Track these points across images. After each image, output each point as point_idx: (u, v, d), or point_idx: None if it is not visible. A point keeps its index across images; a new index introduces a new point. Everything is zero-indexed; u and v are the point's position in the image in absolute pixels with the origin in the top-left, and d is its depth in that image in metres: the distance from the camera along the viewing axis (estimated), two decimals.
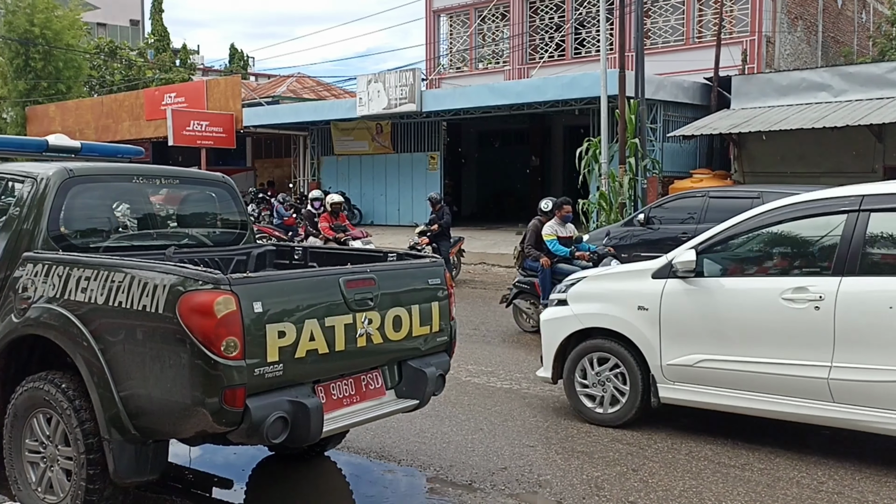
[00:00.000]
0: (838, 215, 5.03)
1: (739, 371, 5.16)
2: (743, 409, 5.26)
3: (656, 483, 4.73)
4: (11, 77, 31.82)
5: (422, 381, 4.33)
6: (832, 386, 4.83)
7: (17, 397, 3.96)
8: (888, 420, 4.69)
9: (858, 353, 4.76)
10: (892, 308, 4.64)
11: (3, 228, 4.35)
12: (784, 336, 4.99)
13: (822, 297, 4.85)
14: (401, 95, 21.11)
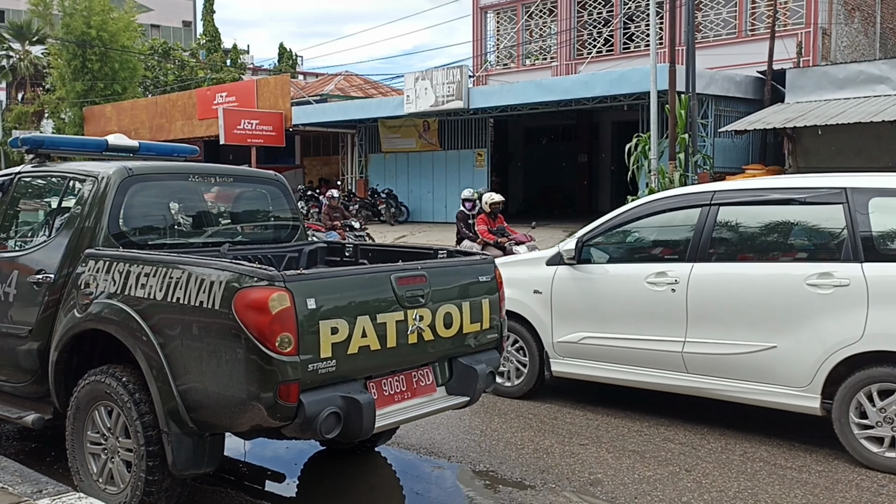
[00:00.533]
0: (695, 209, 5.70)
1: (614, 346, 5.88)
2: (618, 381, 5.98)
3: (710, 484, 4.66)
4: (69, 78, 32.71)
5: (472, 378, 4.33)
6: (686, 358, 5.53)
7: (80, 390, 4.07)
8: (728, 388, 5.39)
9: (705, 329, 5.44)
10: (733, 290, 5.37)
11: (65, 226, 4.48)
12: (648, 315, 5.68)
13: (677, 281, 5.54)
14: (448, 93, 21.13)
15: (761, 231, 5.57)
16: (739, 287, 5.35)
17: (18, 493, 3.63)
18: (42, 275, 4.38)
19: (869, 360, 4.86)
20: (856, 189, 5.10)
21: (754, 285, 5.31)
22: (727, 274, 5.44)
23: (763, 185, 5.76)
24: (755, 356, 5.22)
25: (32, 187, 5.19)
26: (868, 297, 4.85)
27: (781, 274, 5.24)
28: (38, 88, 39.26)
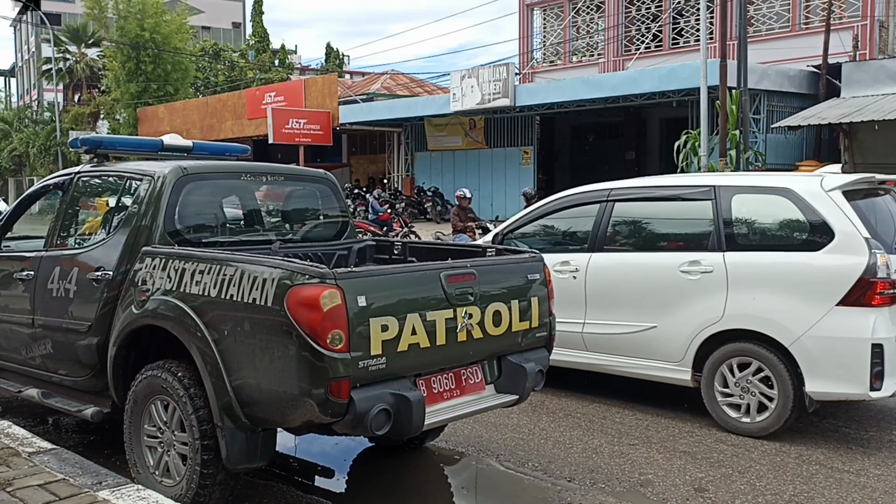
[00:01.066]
0: (595, 204, 6.42)
1: None
2: None
3: (764, 487, 4.57)
4: (124, 80, 33.51)
5: (521, 377, 4.32)
6: (585, 338, 6.21)
7: (137, 385, 4.17)
8: (619, 363, 6.11)
9: (600, 312, 6.12)
10: (621, 277, 6.06)
11: (123, 225, 4.59)
12: (557, 300, 5.88)
13: (578, 269, 6.23)
14: (494, 90, 21.10)
15: (646, 224, 6.30)
16: (627, 274, 6.05)
17: (79, 485, 3.73)
18: (101, 272, 4.49)
19: (729, 337, 5.52)
20: (721, 187, 5.78)
21: (639, 272, 5.99)
22: (617, 262, 6.15)
23: (650, 184, 6.50)
24: (640, 335, 5.92)
25: (91, 186, 5.32)
26: (727, 282, 5.51)
27: (660, 262, 5.91)
28: (94, 90, 40.30)
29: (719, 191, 5.71)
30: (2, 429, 4.58)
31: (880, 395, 5.07)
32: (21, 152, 42.20)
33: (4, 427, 4.61)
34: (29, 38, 58.08)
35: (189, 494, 3.89)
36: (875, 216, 5.56)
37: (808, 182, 5.55)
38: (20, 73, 64.25)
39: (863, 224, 5.20)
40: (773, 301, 5.32)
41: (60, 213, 5.21)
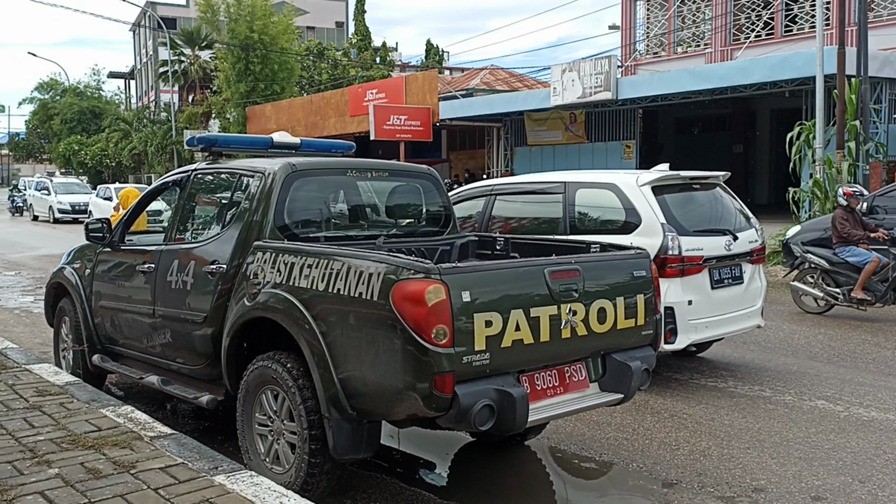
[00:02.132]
0: (483, 198, 7.46)
1: None
2: None
3: (887, 497, 4.32)
4: (234, 80, 34.82)
5: (626, 375, 4.24)
6: None
7: (249, 374, 4.32)
8: None
9: None
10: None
11: (236, 220, 4.76)
12: None
13: None
14: (595, 84, 20.76)
15: (517, 214, 7.34)
16: None
17: (197, 469, 3.89)
18: (216, 265, 4.67)
19: None
20: (569, 182, 6.95)
21: None
22: None
23: (522, 181, 7.84)
24: None
25: (206, 183, 5.55)
26: None
27: None
28: (206, 91, 42.05)
29: (568, 186, 6.92)
30: (125, 413, 4.83)
31: (673, 348, 6.39)
32: (140, 151, 44.52)
33: (128, 412, 4.87)
34: (147, 43, 61.13)
35: (298, 482, 4.00)
36: (683, 206, 6.74)
37: (628, 178, 6.70)
38: (139, 76, 67.74)
39: (662, 212, 6.39)
40: None
41: (178, 209, 5.46)
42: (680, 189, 6.86)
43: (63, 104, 58.41)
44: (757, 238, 7.16)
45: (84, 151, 50.74)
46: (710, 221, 6.88)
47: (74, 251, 6.51)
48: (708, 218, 6.92)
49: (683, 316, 6.32)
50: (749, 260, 7.01)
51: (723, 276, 6.69)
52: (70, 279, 6.22)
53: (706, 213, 6.97)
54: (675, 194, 6.73)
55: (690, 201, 6.95)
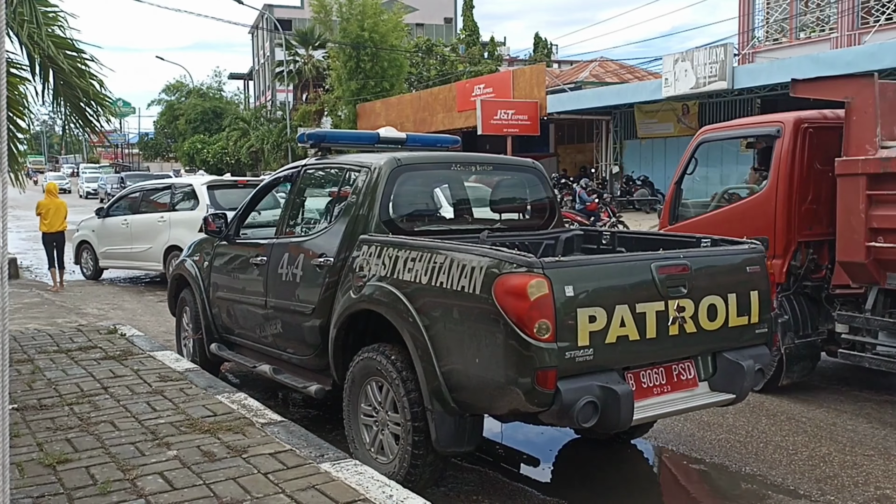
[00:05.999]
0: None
1: None
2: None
3: None
4: (345, 79, 35.63)
5: (738, 375, 4.07)
6: None
7: (355, 365, 4.41)
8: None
9: None
10: None
11: (343, 214, 4.86)
12: None
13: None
14: (710, 73, 20.02)
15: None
16: None
17: (304, 456, 4.01)
18: (323, 258, 4.79)
19: None
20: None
21: None
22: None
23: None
24: None
25: (315, 178, 5.70)
26: None
27: None
28: (319, 89, 43.24)
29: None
30: (239, 400, 5.03)
31: None
32: (257, 148, 46.27)
33: (241, 399, 5.07)
34: (264, 44, 63.46)
35: (401, 473, 4.05)
36: (225, 197, 11.45)
37: (196, 179, 9.44)
38: (257, 77, 70.45)
39: (209, 200, 11.16)
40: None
41: (289, 203, 5.63)
42: (229, 187, 11.62)
43: (187, 105, 61.40)
44: None
45: (206, 150, 53.20)
46: None
47: (195, 244, 6.83)
48: None
49: None
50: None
51: None
52: (190, 271, 6.53)
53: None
54: (219, 191, 11.60)
55: (228, 195, 11.35)
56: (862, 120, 5.66)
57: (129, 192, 13.82)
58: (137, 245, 12.53)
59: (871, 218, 5.48)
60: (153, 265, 12.42)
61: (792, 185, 6.09)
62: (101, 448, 4.12)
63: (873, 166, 5.48)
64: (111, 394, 5.17)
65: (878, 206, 5.49)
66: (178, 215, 12.01)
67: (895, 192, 5.40)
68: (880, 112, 5.60)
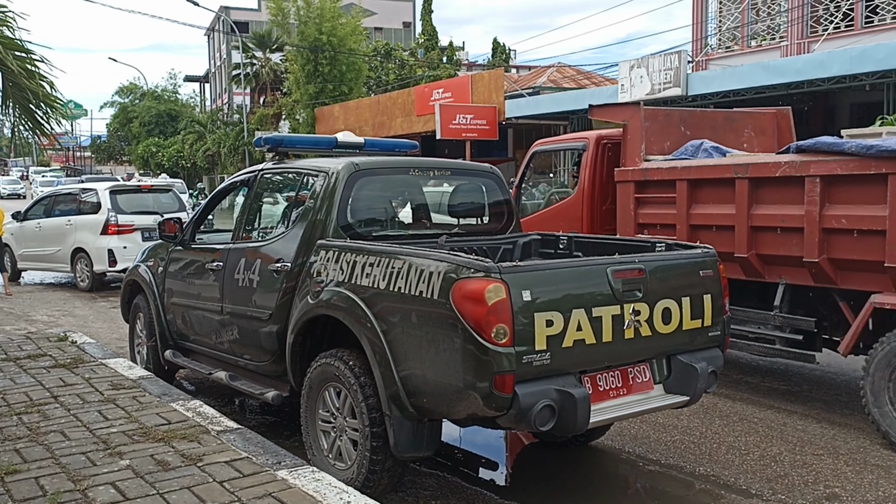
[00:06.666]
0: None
1: None
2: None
3: None
4: (303, 82, 35.38)
5: (692, 377, 4.13)
6: None
7: (312, 371, 4.38)
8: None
9: None
10: None
11: (301, 219, 4.83)
12: None
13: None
14: (665, 80, 20.36)
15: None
16: None
17: (261, 464, 3.97)
18: (280, 263, 4.75)
19: None
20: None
21: None
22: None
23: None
24: None
25: (273, 182, 5.65)
26: None
27: None
28: (277, 92, 42.89)
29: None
30: (194, 407, 4.96)
31: (113, 269, 12.13)
32: (214, 152, 45.69)
33: (196, 406, 5.00)
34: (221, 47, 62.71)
35: (359, 479, 4.03)
36: (128, 201, 12.78)
37: (99, 185, 12.25)
38: (213, 79, 69.58)
39: (111, 203, 12.48)
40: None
41: (246, 208, 5.57)
42: (134, 191, 13.07)
43: (141, 107, 60.38)
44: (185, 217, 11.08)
45: (161, 153, 52.37)
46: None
47: (148, 249, 6.72)
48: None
49: (121, 254, 12.06)
50: None
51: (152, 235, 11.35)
52: (144, 276, 6.42)
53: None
54: (122, 195, 12.69)
55: (134, 199, 12.99)
56: (633, 139, 7.12)
57: (44, 196, 14.28)
58: (48, 247, 13.12)
59: (639, 215, 6.88)
60: (62, 266, 13.01)
61: (594, 190, 7.59)
62: (51, 458, 4.03)
63: (638, 175, 6.91)
64: (61, 403, 5.06)
65: (643, 205, 6.89)
66: (83, 219, 12.69)
67: (653, 195, 6.79)
68: (647, 133, 7.09)
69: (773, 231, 5.86)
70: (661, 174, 6.73)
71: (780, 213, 5.79)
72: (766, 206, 5.89)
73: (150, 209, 12.71)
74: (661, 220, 6.70)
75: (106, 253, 12.23)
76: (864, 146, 5.32)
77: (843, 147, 5.46)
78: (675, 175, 6.58)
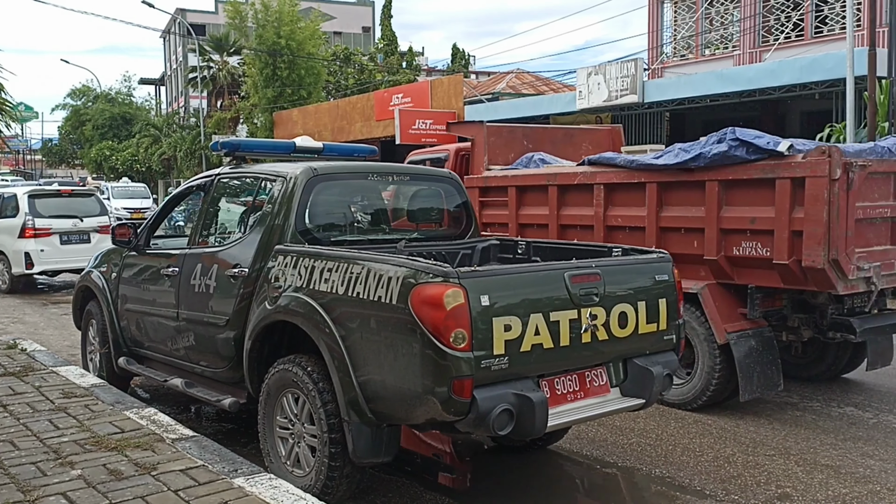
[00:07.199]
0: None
1: None
2: None
3: None
4: (262, 86, 35.06)
5: (648, 380, 4.19)
6: None
7: (270, 378, 4.34)
8: None
9: None
10: None
11: (258, 224, 4.79)
12: None
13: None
14: (622, 87, 20.64)
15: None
16: None
17: (217, 471, 3.92)
18: (238, 269, 4.70)
19: None
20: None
21: None
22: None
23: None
24: None
25: (230, 187, 5.59)
26: None
27: None
28: (235, 96, 42.40)
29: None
30: (148, 415, 4.88)
31: (30, 272, 12.63)
32: (169, 156, 45.00)
33: (151, 414, 4.91)
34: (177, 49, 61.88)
35: (318, 486, 4.01)
36: (47, 206, 12.99)
37: (19, 189, 11.90)
38: (169, 82, 68.58)
39: (29, 207, 12.70)
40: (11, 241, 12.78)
41: (202, 213, 5.50)
42: (51, 196, 13.30)
43: (94, 110, 59.24)
44: (107, 221, 13.11)
45: (115, 157, 51.41)
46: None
47: (101, 255, 6.59)
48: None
49: (38, 257, 12.43)
50: (98, 230, 12.98)
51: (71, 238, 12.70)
52: (97, 282, 6.30)
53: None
54: (39, 199, 12.94)
55: (49, 203, 13.15)
56: (478, 151, 8.67)
57: None
58: None
59: (483, 216, 7.91)
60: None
61: None
62: (0, 469, 3.92)
63: (481, 182, 8.22)
64: (10, 412, 4.93)
65: (485, 207, 8.08)
66: (2, 222, 13.03)
67: (492, 199, 8.03)
68: (491, 147, 8.67)
69: (575, 228, 7.06)
70: (497, 181, 8.03)
71: (579, 213, 7.02)
72: (570, 208, 7.11)
73: (69, 213, 13.10)
74: (498, 220, 7.91)
75: (23, 256, 12.55)
76: (629, 160, 6.68)
77: (615, 161, 6.84)
78: (507, 182, 7.86)
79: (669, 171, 6.27)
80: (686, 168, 6.11)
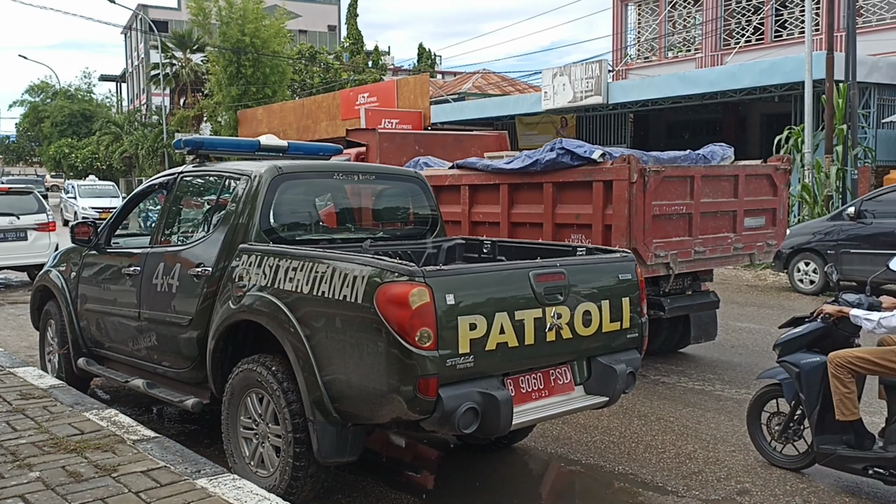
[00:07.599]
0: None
1: None
2: None
3: (879, 501, 4.33)
4: (225, 84, 34.69)
5: (611, 378, 4.24)
6: None
7: (234, 377, 4.30)
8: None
9: None
10: None
11: (222, 222, 4.74)
12: None
13: None
14: (586, 88, 20.82)
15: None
16: None
17: (179, 472, 3.87)
18: (201, 268, 4.65)
19: None
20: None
21: None
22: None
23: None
24: None
25: (193, 185, 5.53)
26: None
27: None
28: (198, 94, 41.95)
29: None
30: (109, 417, 4.81)
31: None
32: (131, 154, 44.36)
33: (111, 415, 4.84)
34: (138, 46, 60.96)
35: (282, 486, 3.99)
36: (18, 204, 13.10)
37: None
38: (130, 79, 67.57)
39: None
40: None
41: (165, 212, 5.44)
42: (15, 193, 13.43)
43: (53, 107, 58.19)
44: (45, 219, 13.04)
45: (75, 154, 50.55)
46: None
47: (60, 254, 6.48)
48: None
49: None
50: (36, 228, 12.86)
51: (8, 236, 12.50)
52: (55, 282, 6.18)
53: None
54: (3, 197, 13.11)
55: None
56: (371, 156, 9.95)
57: None
58: None
59: None
60: None
61: None
62: None
63: None
64: None
65: None
66: None
67: None
68: (383, 151, 9.90)
69: (447, 224, 7.19)
70: None
71: (451, 210, 7.73)
72: (445, 206, 7.43)
73: (5, 211, 13.04)
74: None
75: None
76: (486, 165, 7.74)
77: (475, 165, 7.85)
78: None
79: (516, 174, 7.30)
80: (528, 172, 7.23)
